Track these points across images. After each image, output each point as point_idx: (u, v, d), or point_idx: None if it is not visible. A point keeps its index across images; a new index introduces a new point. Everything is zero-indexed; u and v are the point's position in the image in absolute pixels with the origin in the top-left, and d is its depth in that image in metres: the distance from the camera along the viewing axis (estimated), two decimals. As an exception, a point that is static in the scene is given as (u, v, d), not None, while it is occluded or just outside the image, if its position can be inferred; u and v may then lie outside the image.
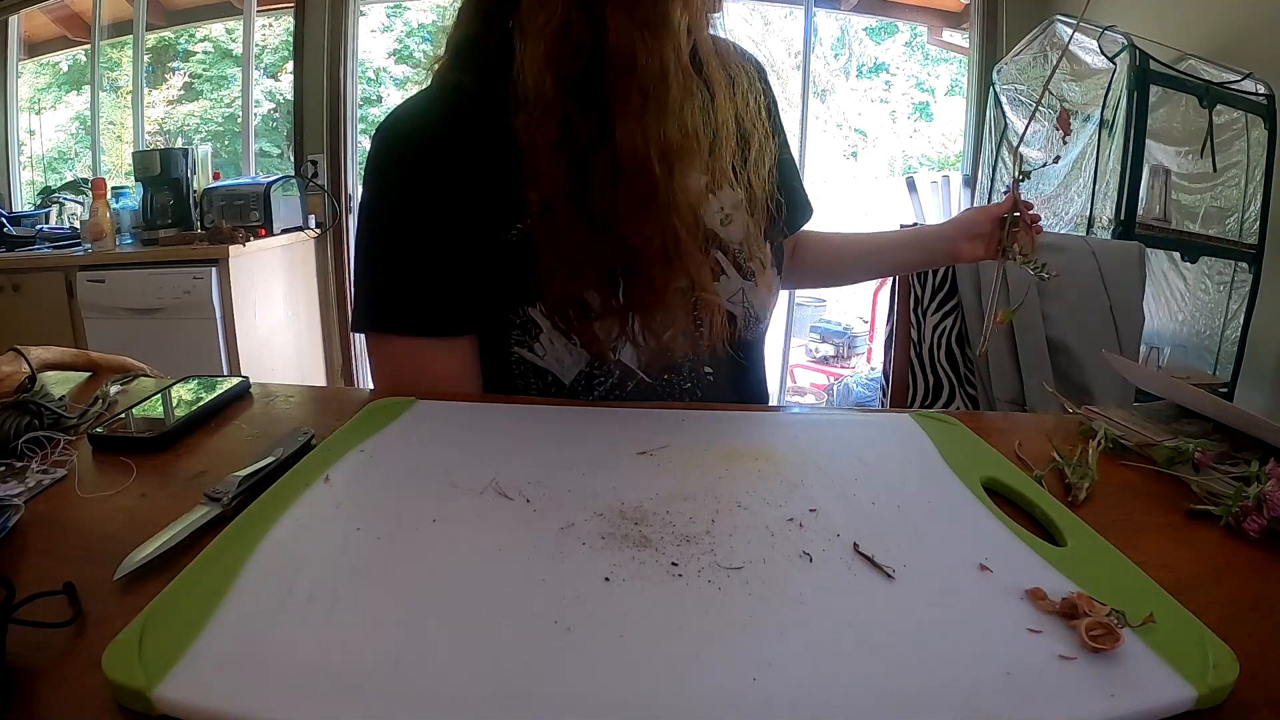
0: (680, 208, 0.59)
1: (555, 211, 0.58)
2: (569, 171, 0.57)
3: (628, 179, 0.57)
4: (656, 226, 0.58)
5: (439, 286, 0.63)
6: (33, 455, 0.49)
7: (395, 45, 6.75)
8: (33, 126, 3.67)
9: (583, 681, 0.27)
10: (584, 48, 0.56)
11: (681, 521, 0.39)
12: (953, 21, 3.36)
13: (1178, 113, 2.04)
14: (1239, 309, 1.98)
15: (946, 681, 0.28)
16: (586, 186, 0.57)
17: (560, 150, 0.57)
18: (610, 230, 0.58)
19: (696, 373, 0.70)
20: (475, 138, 0.62)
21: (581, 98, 0.56)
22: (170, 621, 0.30)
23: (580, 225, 0.58)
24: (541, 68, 0.56)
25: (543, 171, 0.58)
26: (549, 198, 0.58)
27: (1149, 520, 0.44)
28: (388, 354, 0.66)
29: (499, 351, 0.66)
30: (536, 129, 0.57)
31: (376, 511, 0.40)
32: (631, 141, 0.56)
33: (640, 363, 0.66)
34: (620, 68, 0.55)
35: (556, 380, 0.66)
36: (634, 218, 0.57)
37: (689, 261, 0.60)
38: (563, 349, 0.64)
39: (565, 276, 0.59)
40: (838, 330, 4.28)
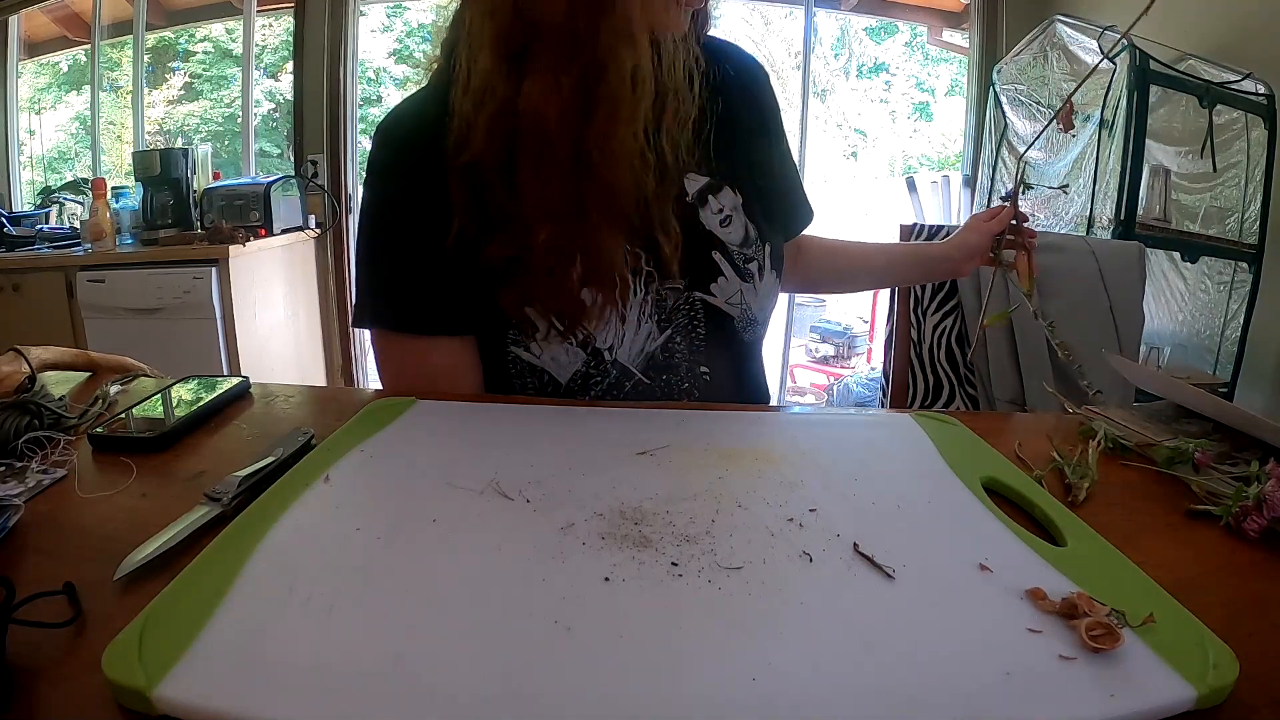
0: (595, 172, 0.58)
1: (483, 178, 0.59)
2: (493, 139, 0.58)
3: (530, 136, 0.58)
4: (555, 187, 0.58)
5: (437, 285, 0.64)
6: (33, 455, 0.49)
7: (395, 45, 6.75)
8: (33, 126, 3.67)
9: (583, 681, 0.27)
10: (521, 24, 0.57)
11: (681, 521, 0.39)
12: (953, 21, 3.36)
13: (1178, 113, 2.04)
14: (1239, 309, 1.98)
15: (946, 681, 0.28)
16: (511, 154, 0.59)
17: (488, 118, 0.58)
18: (513, 200, 0.59)
19: (694, 372, 0.70)
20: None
21: (512, 66, 0.58)
22: (170, 621, 0.30)
23: (503, 192, 0.59)
24: (482, 44, 0.58)
25: (471, 138, 0.59)
26: (475, 163, 0.59)
27: (1149, 520, 0.44)
28: (389, 350, 0.67)
29: (496, 351, 0.66)
30: (469, 99, 0.59)
31: (376, 511, 0.40)
32: (535, 97, 0.57)
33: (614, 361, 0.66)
34: (542, 27, 0.57)
35: (553, 379, 0.66)
36: (535, 177, 0.58)
37: (596, 228, 0.60)
38: (559, 348, 0.65)
39: (492, 243, 0.60)
40: (838, 330, 4.28)
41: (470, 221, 0.61)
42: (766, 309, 0.73)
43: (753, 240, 0.70)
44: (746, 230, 0.70)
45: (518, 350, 0.65)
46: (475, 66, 0.58)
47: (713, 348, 0.69)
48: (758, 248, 0.71)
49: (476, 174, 0.60)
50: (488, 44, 0.58)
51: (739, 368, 0.74)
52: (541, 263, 0.60)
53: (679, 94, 0.63)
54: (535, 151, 0.58)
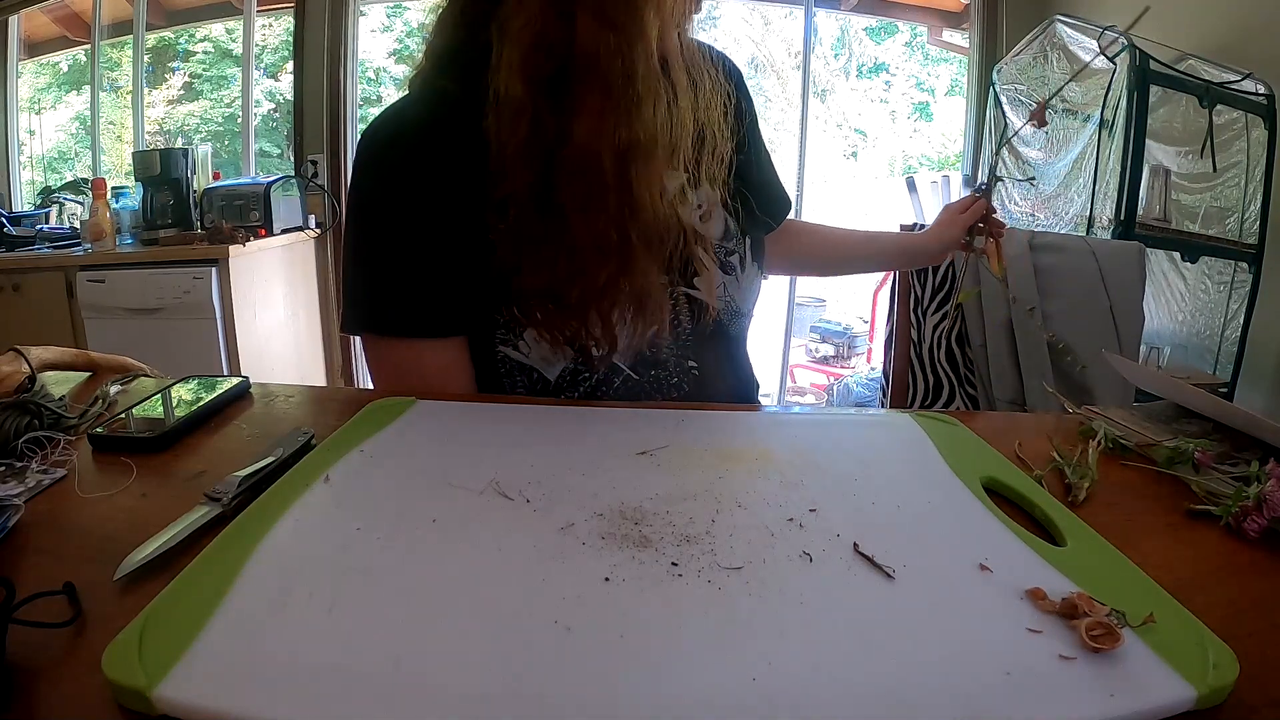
0: (637, 208, 0.59)
1: (518, 209, 0.59)
2: (533, 170, 0.58)
3: (580, 175, 0.58)
4: (607, 224, 0.59)
5: (427, 288, 0.64)
6: (33, 455, 0.49)
7: (395, 45, 6.74)
8: (33, 126, 3.67)
9: (583, 681, 0.27)
10: (556, 50, 0.57)
11: (681, 521, 0.39)
12: (953, 21, 3.36)
13: (1178, 113, 2.04)
14: (1239, 309, 1.98)
15: (946, 681, 0.28)
16: (549, 185, 0.59)
17: (527, 150, 0.58)
18: (565, 228, 0.59)
19: (682, 367, 0.70)
20: (457, 141, 0.62)
21: (551, 99, 0.58)
22: (170, 621, 0.30)
23: (539, 223, 0.59)
24: (515, 70, 0.57)
25: (509, 170, 0.59)
26: (512, 196, 0.59)
27: (1149, 520, 0.44)
28: (382, 355, 0.67)
29: (484, 349, 0.66)
30: (507, 130, 0.58)
31: (376, 511, 0.40)
32: (587, 138, 0.57)
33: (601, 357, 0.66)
34: (585, 68, 0.57)
35: (541, 377, 0.66)
36: (585, 213, 0.58)
37: (638, 261, 0.61)
38: (546, 346, 0.65)
39: (526, 272, 0.61)
40: (838, 330, 4.28)
41: (505, 249, 0.61)
42: (750, 300, 0.75)
43: (733, 234, 0.72)
44: (726, 224, 0.71)
45: (506, 350, 0.66)
46: (506, 94, 0.58)
47: (699, 341, 0.70)
48: (738, 241, 0.72)
49: (510, 203, 0.60)
50: (518, 73, 0.57)
51: (726, 360, 0.75)
52: (585, 296, 0.61)
53: (716, 130, 0.65)
54: (584, 190, 0.58)
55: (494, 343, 0.66)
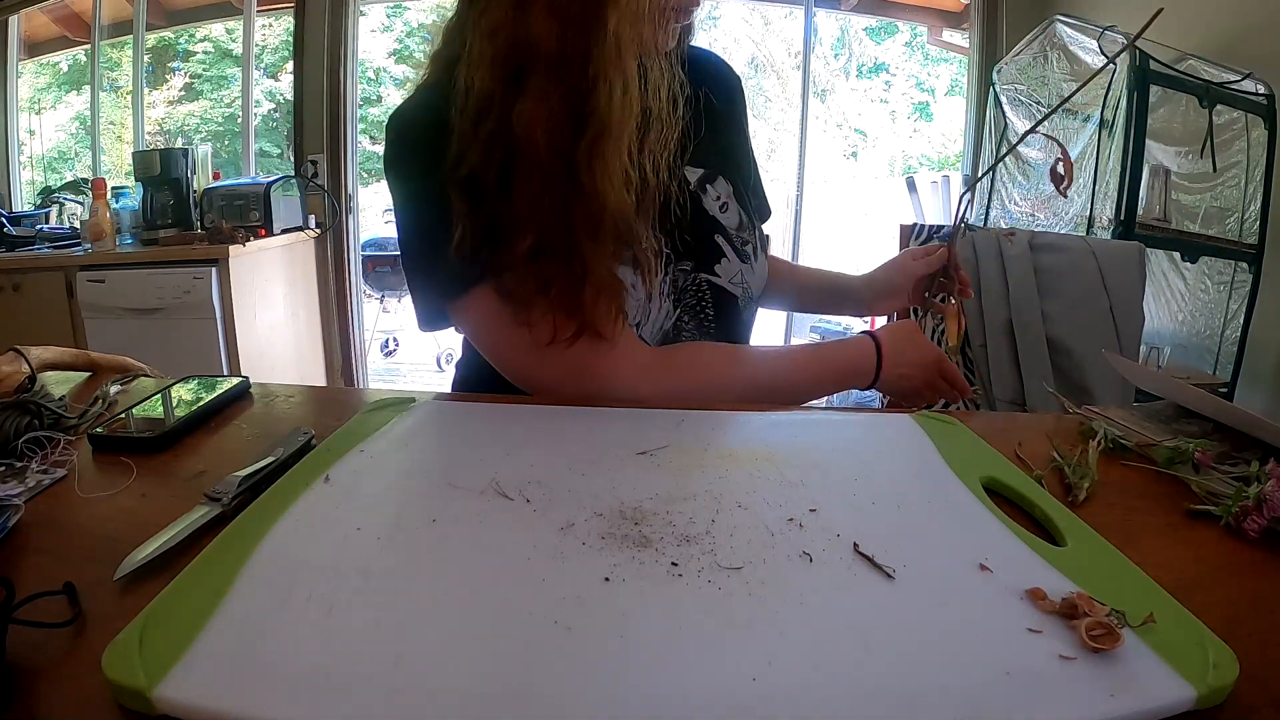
0: (581, 189, 0.60)
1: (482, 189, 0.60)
2: (495, 160, 0.60)
3: (524, 162, 0.59)
4: (541, 199, 0.60)
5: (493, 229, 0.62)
6: (33, 455, 0.49)
7: (395, 45, 6.75)
8: (33, 126, 3.67)
9: (583, 681, 0.27)
10: (518, 47, 0.59)
11: (681, 521, 0.39)
12: (953, 21, 3.36)
13: (1178, 113, 2.04)
14: (1239, 309, 1.98)
15: (946, 681, 0.28)
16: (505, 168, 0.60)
17: (490, 140, 0.60)
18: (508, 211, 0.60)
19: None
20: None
21: (509, 90, 0.59)
22: (170, 621, 0.30)
23: (495, 201, 0.60)
24: (481, 62, 0.59)
25: (472, 159, 0.60)
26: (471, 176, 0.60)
27: (1149, 520, 0.44)
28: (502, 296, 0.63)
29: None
30: (468, 120, 0.60)
31: (376, 511, 0.40)
32: (525, 118, 0.58)
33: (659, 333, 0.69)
34: (532, 56, 0.58)
35: None
36: (524, 195, 0.60)
37: (582, 244, 0.61)
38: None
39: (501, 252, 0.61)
40: (838, 330, 4.28)
41: (469, 231, 0.61)
42: (760, 289, 0.79)
43: (746, 225, 0.76)
44: (741, 216, 0.75)
45: None
46: (473, 85, 0.60)
47: (719, 326, 0.74)
48: (751, 231, 0.77)
49: (474, 186, 0.61)
50: (485, 64, 0.59)
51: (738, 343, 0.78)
52: (531, 271, 0.61)
53: (662, 117, 0.65)
54: (527, 168, 0.59)
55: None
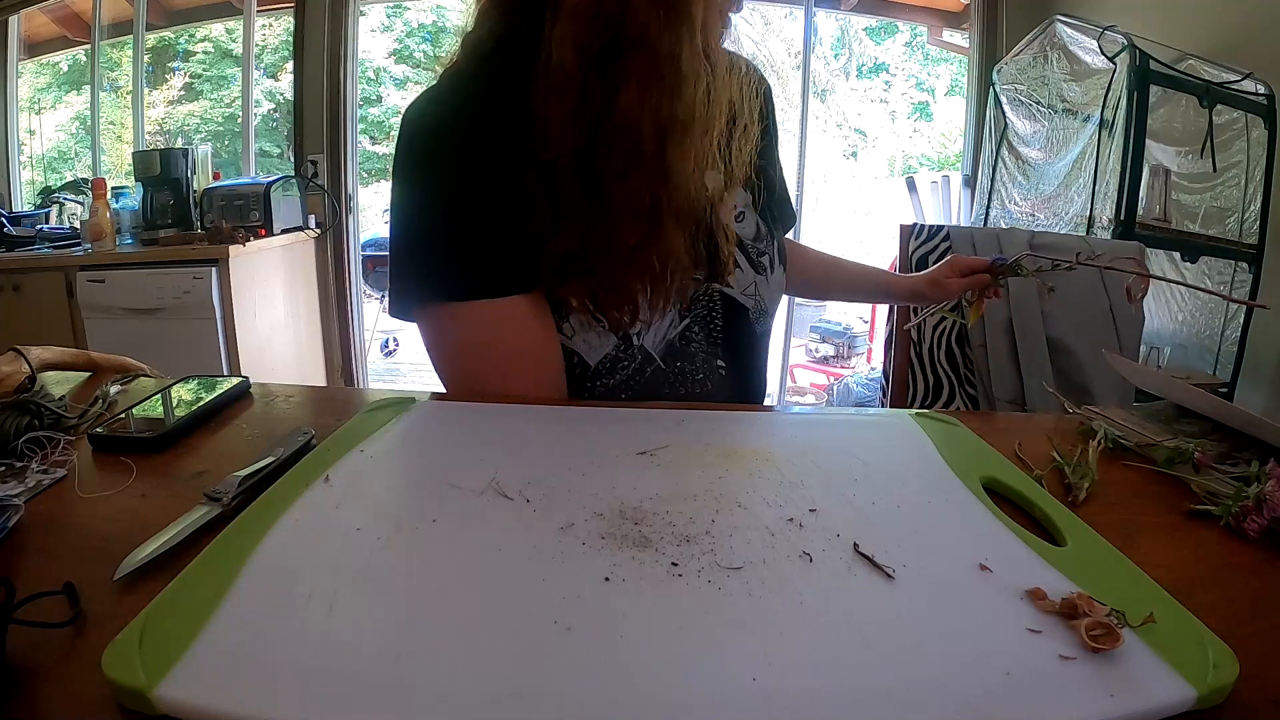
0: (671, 180, 0.61)
1: (558, 175, 0.61)
2: (577, 139, 0.60)
3: (621, 144, 0.60)
4: (642, 191, 0.61)
5: (500, 248, 0.63)
6: (33, 455, 0.49)
7: (395, 45, 6.76)
8: (33, 126, 3.67)
9: (583, 681, 0.27)
10: (609, 27, 0.59)
11: (681, 521, 0.39)
12: (953, 21, 3.36)
13: (1178, 113, 2.04)
14: (1239, 309, 1.98)
15: (946, 681, 0.28)
16: (591, 154, 0.60)
17: (573, 118, 0.60)
18: (601, 194, 0.61)
19: (710, 365, 0.71)
20: (500, 111, 0.63)
21: (599, 72, 0.60)
22: (170, 621, 0.30)
23: (578, 189, 0.61)
24: (568, 43, 0.59)
25: (553, 138, 0.60)
26: (553, 161, 0.60)
27: (1149, 520, 0.44)
28: (459, 324, 0.64)
29: None
30: (555, 99, 0.60)
31: (376, 511, 0.40)
32: (630, 110, 0.59)
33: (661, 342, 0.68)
34: (635, 42, 0.59)
35: (582, 361, 0.67)
36: (622, 180, 0.60)
37: (668, 230, 0.62)
38: (592, 332, 0.66)
39: (560, 236, 0.62)
40: (838, 330, 4.29)
41: (541, 213, 0.62)
42: (776, 301, 0.77)
43: (763, 235, 0.75)
44: (758, 226, 0.74)
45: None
46: (557, 66, 0.60)
47: (729, 338, 0.72)
48: (768, 242, 0.75)
49: (551, 169, 0.61)
50: (570, 45, 0.59)
51: (751, 360, 0.76)
52: (615, 260, 0.62)
53: (750, 113, 0.68)
54: (623, 157, 0.60)
55: None
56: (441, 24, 6.66)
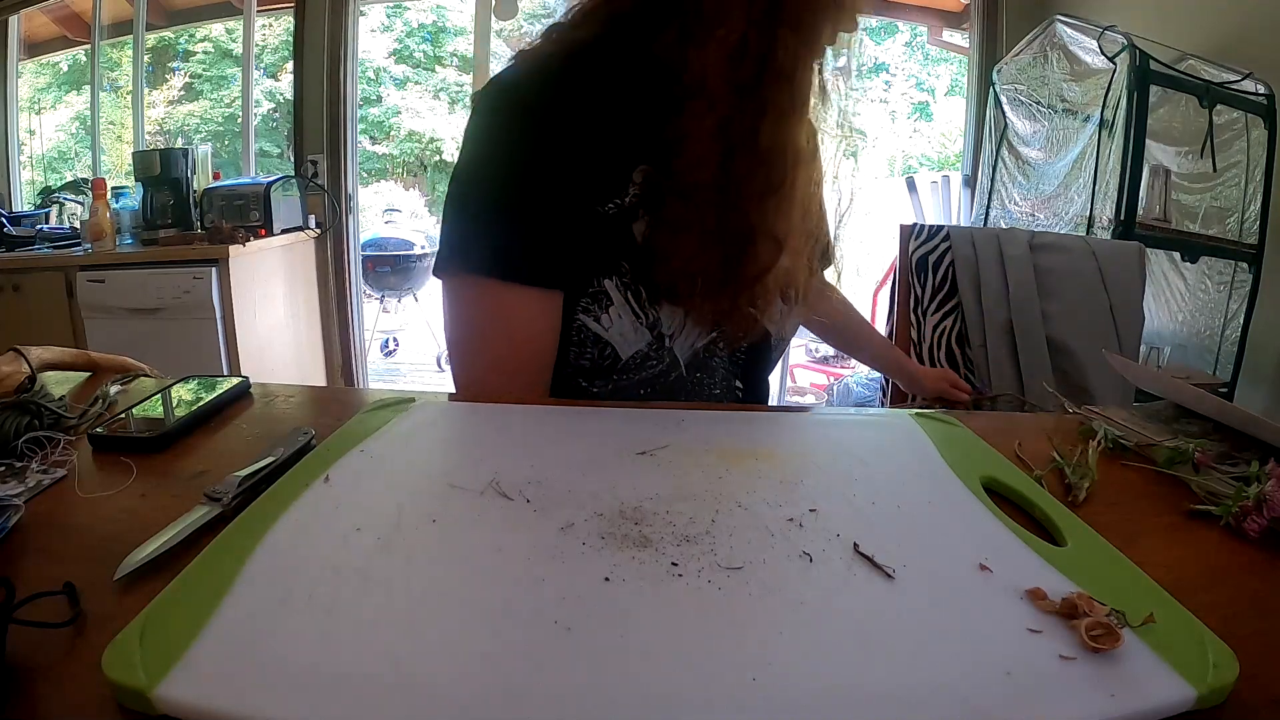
0: (797, 202, 0.66)
1: (698, 194, 0.63)
2: (714, 162, 0.63)
3: (762, 170, 0.63)
4: (777, 214, 0.65)
5: (544, 240, 0.64)
6: (33, 455, 0.49)
7: (395, 45, 6.76)
8: (33, 126, 3.67)
9: (583, 682, 0.27)
10: (756, 59, 0.62)
11: (681, 521, 0.39)
12: (953, 21, 3.36)
13: (1178, 113, 2.04)
14: (1239, 309, 1.98)
15: (946, 681, 0.28)
16: (728, 175, 0.63)
17: (712, 142, 0.63)
18: (736, 214, 0.64)
19: (729, 383, 0.74)
20: (591, 110, 0.64)
21: (743, 100, 0.62)
22: (170, 621, 0.30)
23: (713, 209, 0.64)
24: (717, 71, 0.62)
25: (697, 156, 0.63)
26: (694, 182, 0.63)
27: (1149, 520, 0.44)
28: (478, 298, 0.66)
29: (564, 317, 0.67)
30: (695, 122, 0.63)
31: (376, 511, 0.40)
32: (775, 137, 0.63)
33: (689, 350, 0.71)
34: (780, 76, 0.62)
35: (614, 354, 0.67)
36: (761, 203, 0.64)
37: (794, 247, 0.67)
38: (629, 325, 0.67)
39: (686, 252, 0.64)
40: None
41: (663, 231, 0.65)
42: (794, 332, 0.81)
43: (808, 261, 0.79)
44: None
45: (586, 319, 0.66)
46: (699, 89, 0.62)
47: (748, 360, 0.75)
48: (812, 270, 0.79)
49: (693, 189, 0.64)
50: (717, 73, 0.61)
51: (761, 384, 0.80)
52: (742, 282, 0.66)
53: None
54: (763, 184, 0.64)
55: (575, 311, 0.67)
56: (441, 24, 6.67)
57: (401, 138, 7.03)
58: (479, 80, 3.05)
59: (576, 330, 0.67)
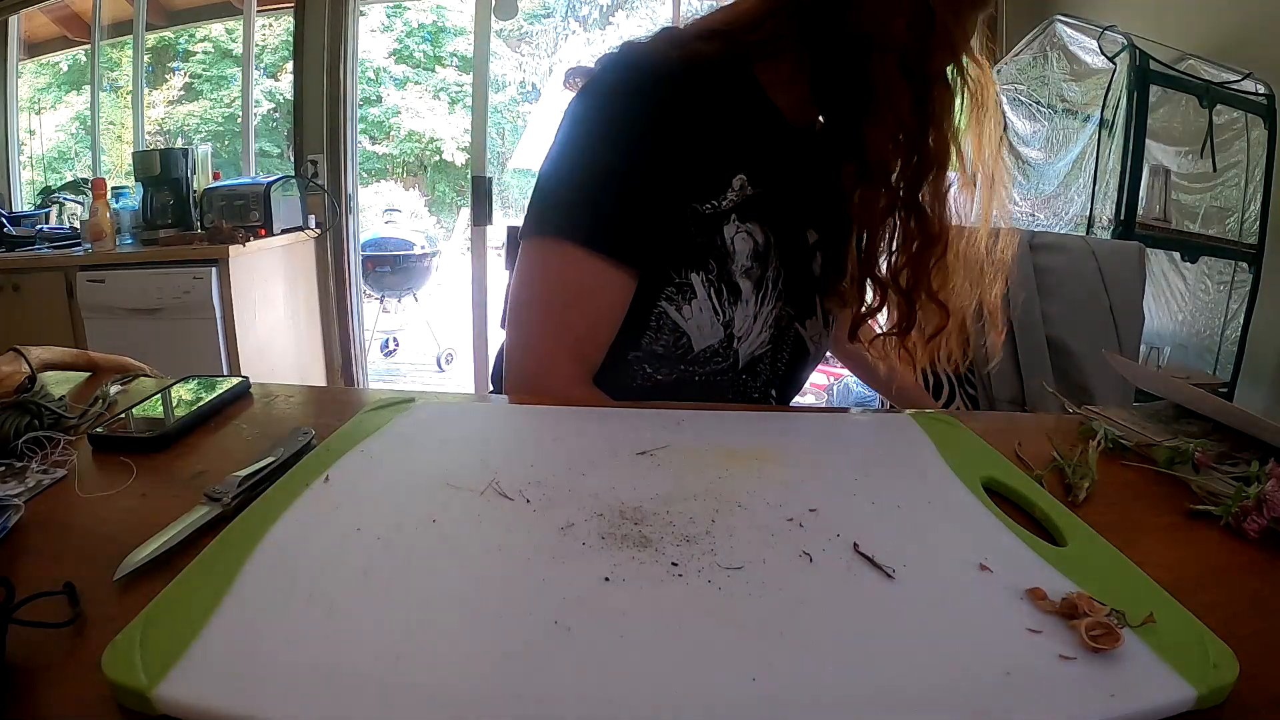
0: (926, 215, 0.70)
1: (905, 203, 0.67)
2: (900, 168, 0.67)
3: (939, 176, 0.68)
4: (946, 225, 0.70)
5: (641, 223, 0.65)
6: (33, 455, 0.49)
7: (395, 45, 6.76)
8: (33, 126, 3.67)
9: (583, 681, 0.27)
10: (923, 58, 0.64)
11: (681, 521, 0.39)
12: (953, 21, 3.36)
13: (1178, 113, 2.04)
14: (1239, 309, 1.98)
15: (946, 681, 0.28)
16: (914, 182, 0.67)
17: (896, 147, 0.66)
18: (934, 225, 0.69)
19: (765, 391, 0.76)
20: (704, 117, 0.66)
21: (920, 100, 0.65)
22: (170, 621, 0.30)
23: (908, 218, 0.68)
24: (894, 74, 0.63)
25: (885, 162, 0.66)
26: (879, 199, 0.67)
27: (1149, 520, 0.44)
28: (565, 264, 0.66)
29: (642, 303, 0.68)
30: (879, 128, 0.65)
31: (376, 511, 0.40)
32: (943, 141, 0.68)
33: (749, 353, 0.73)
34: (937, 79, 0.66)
35: (689, 344, 0.69)
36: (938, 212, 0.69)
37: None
38: (707, 320, 0.69)
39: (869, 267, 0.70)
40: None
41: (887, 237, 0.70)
42: (823, 355, 0.84)
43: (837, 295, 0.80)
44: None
45: (668, 307, 0.68)
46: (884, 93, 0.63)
47: (787, 372, 0.78)
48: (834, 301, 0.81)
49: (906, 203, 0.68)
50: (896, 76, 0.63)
51: (791, 394, 0.83)
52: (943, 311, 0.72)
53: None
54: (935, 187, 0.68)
55: (657, 297, 0.68)
56: (441, 24, 6.67)
57: (401, 138, 7.04)
58: (479, 80, 3.05)
59: (656, 316, 0.68)
